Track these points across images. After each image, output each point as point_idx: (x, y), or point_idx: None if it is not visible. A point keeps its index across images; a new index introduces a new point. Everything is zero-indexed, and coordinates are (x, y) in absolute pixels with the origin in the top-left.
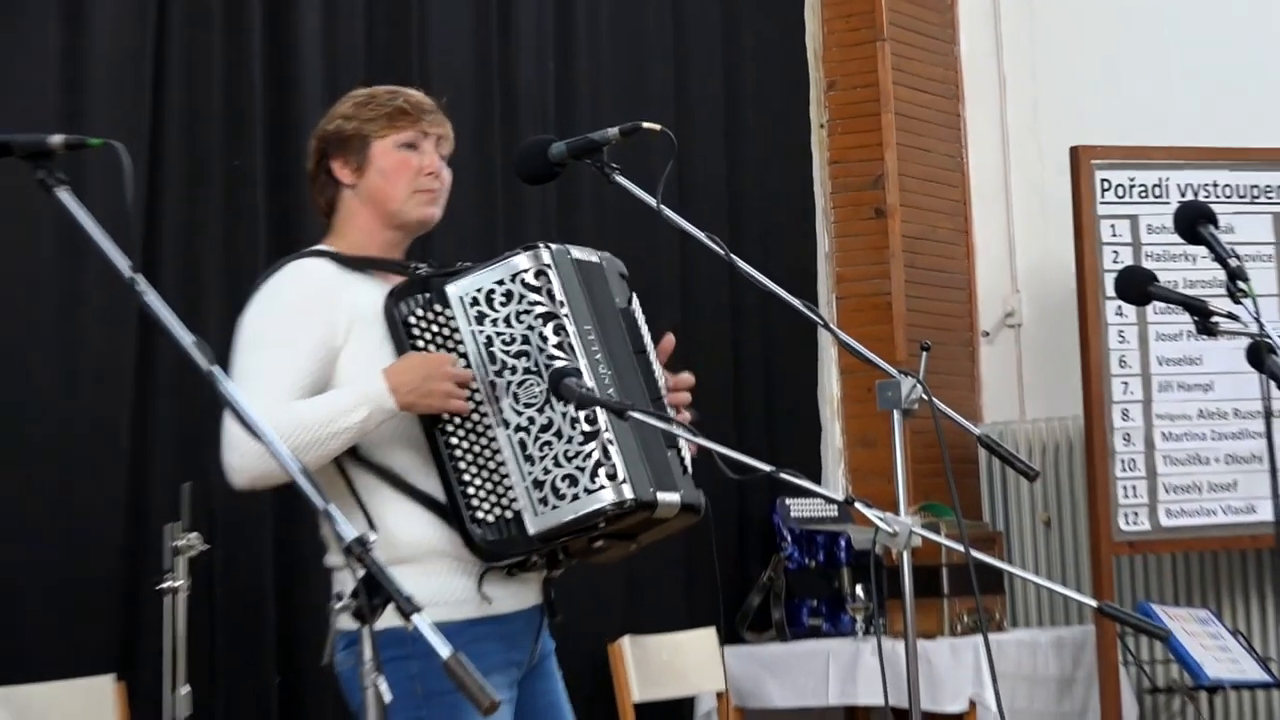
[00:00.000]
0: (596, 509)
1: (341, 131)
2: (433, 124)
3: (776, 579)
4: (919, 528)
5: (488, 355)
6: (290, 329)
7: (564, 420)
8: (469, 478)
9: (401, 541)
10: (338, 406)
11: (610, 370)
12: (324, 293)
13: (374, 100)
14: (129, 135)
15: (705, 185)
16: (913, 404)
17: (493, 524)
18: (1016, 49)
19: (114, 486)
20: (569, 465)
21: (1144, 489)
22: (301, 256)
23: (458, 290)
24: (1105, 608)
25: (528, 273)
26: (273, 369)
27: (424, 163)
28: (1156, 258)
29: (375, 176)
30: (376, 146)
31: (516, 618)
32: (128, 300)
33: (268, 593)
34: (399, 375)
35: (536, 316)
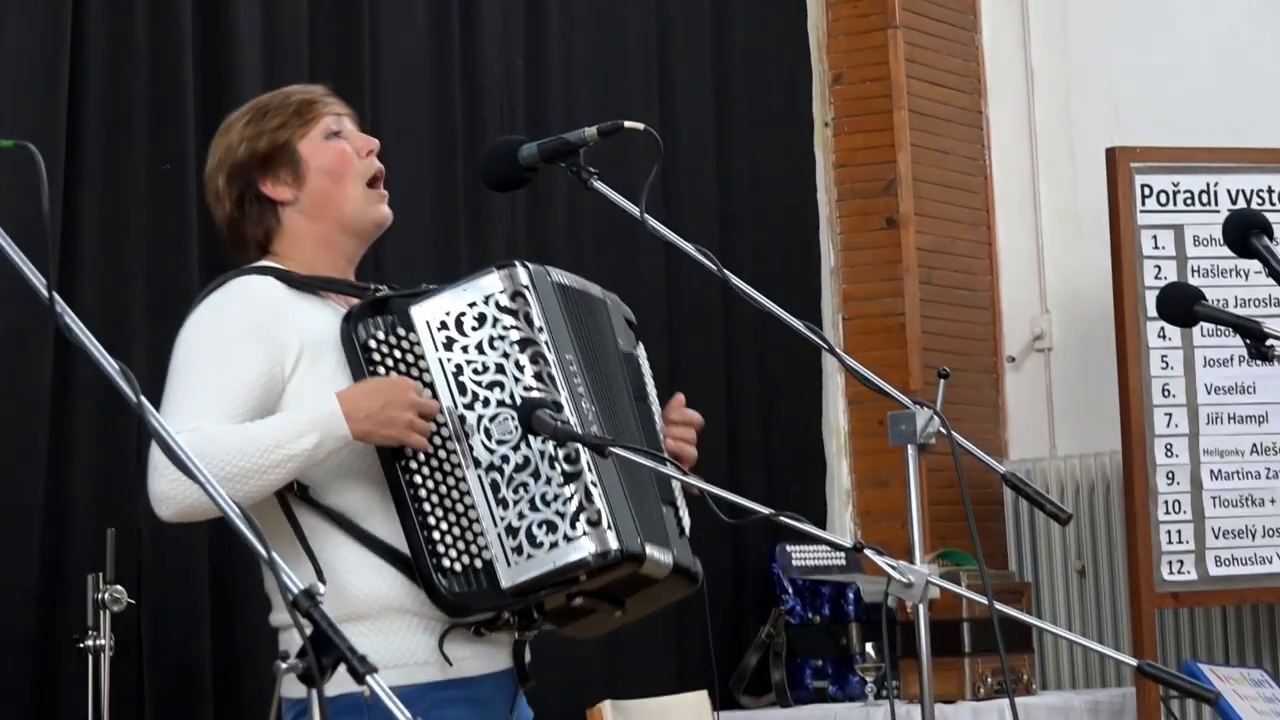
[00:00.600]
0: (577, 559)
1: (256, 151)
2: (338, 105)
3: (776, 635)
4: (936, 578)
5: (457, 385)
6: (231, 351)
7: (542, 459)
8: (434, 521)
9: (354, 595)
10: (284, 431)
11: (595, 406)
12: (270, 314)
13: (268, 107)
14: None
15: (694, 192)
16: (929, 438)
17: (460, 574)
18: (1046, 38)
19: (27, 531)
20: (547, 510)
21: (1190, 534)
22: (246, 272)
23: (423, 313)
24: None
25: (503, 294)
26: (209, 390)
27: (357, 145)
28: (1204, 273)
29: (318, 179)
30: (304, 148)
31: (484, 681)
32: (42, 322)
33: (203, 653)
34: (355, 399)
35: (512, 344)
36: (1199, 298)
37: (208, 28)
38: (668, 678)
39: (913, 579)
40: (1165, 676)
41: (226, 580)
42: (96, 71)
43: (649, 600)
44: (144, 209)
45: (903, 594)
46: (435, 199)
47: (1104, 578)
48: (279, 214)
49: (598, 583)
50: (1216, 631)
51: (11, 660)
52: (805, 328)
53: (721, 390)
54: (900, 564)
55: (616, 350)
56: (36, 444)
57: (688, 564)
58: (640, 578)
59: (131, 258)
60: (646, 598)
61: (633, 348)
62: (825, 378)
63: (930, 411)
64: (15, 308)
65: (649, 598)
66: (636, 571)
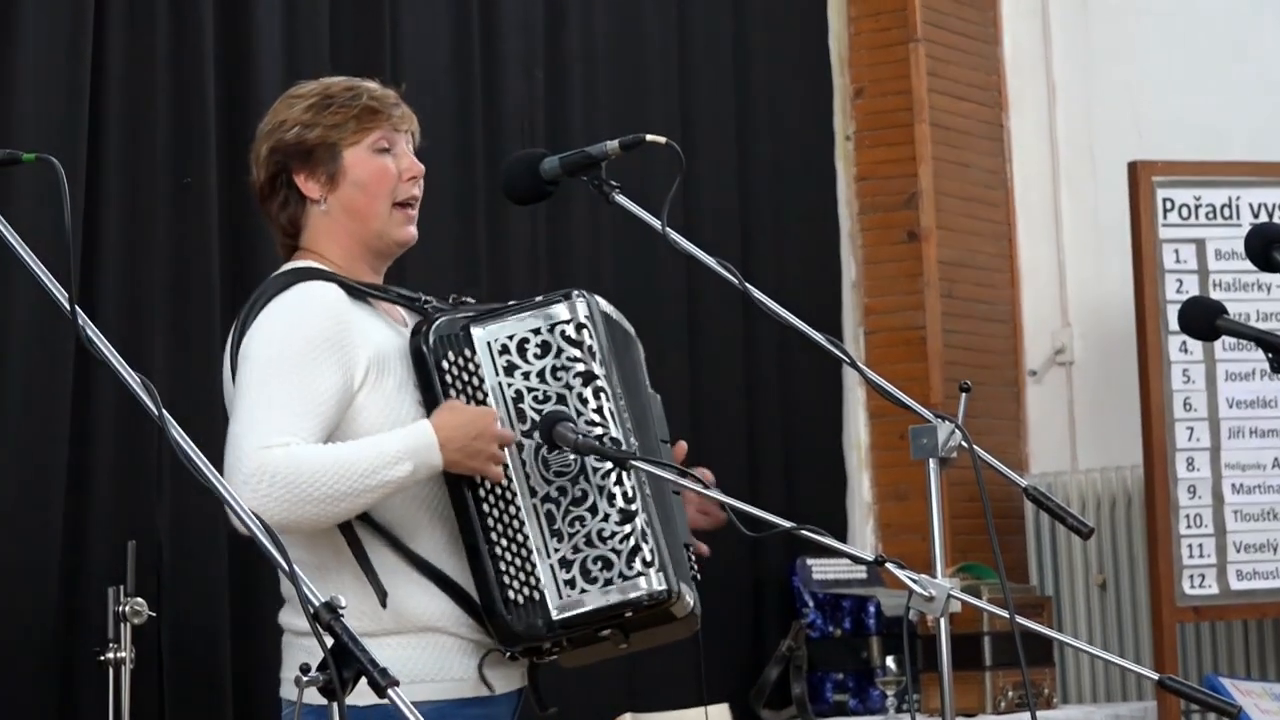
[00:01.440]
0: (633, 598)
1: (304, 141)
2: (403, 119)
3: (797, 649)
4: (958, 591)
5: (516, 412)
6: (312, 362)
7: (601, 495)
8: (500, 551)
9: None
10: (381, 457)
11: (639, 441)
12: (342, 325)
13: (333, 100)
14: (63, 149)
15: (714, 205)
16: (951, 452)
17: (521, 605)
18: (1068, 51)
19: (48, 544)
20: (603, 546)
21: (1211, 548)
22: (310, 276)
23: (485, 335)
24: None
25: (568, 324)
26: (294, 403)
27: (403, 166)
28: (1226, 287)
29: (351, 190)
30: (349, 155)
31: (500, 700)
32: (63, 334)
33: (224, 665)
34: (449, 430)
35: (575, 375)
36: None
37: (229, 42)
38: (687, 691)
39: (934, 592)
40: (1187, 690)
41: (247, 593)
42: (117, 84)
43: (652, 637)
44: (165, 222)
45: (924, 607)
46: (456, 212)
47: (1125, 592)
48: (306, 209)
49: (638, 618)
50: (1238, 645)
51: (33, 673)
52: (827, 341)
53: (743, 403)
54: (921, 577)
55: (647, 388)
56: (57, 456)
57: (698, 608)
58: (666, 614)
59: (152, 271)
60: (653, 634)
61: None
62: (846, 391)
63: (952, 425)
64: (36, 320)
65: (655, 634)
66: (668, 609)
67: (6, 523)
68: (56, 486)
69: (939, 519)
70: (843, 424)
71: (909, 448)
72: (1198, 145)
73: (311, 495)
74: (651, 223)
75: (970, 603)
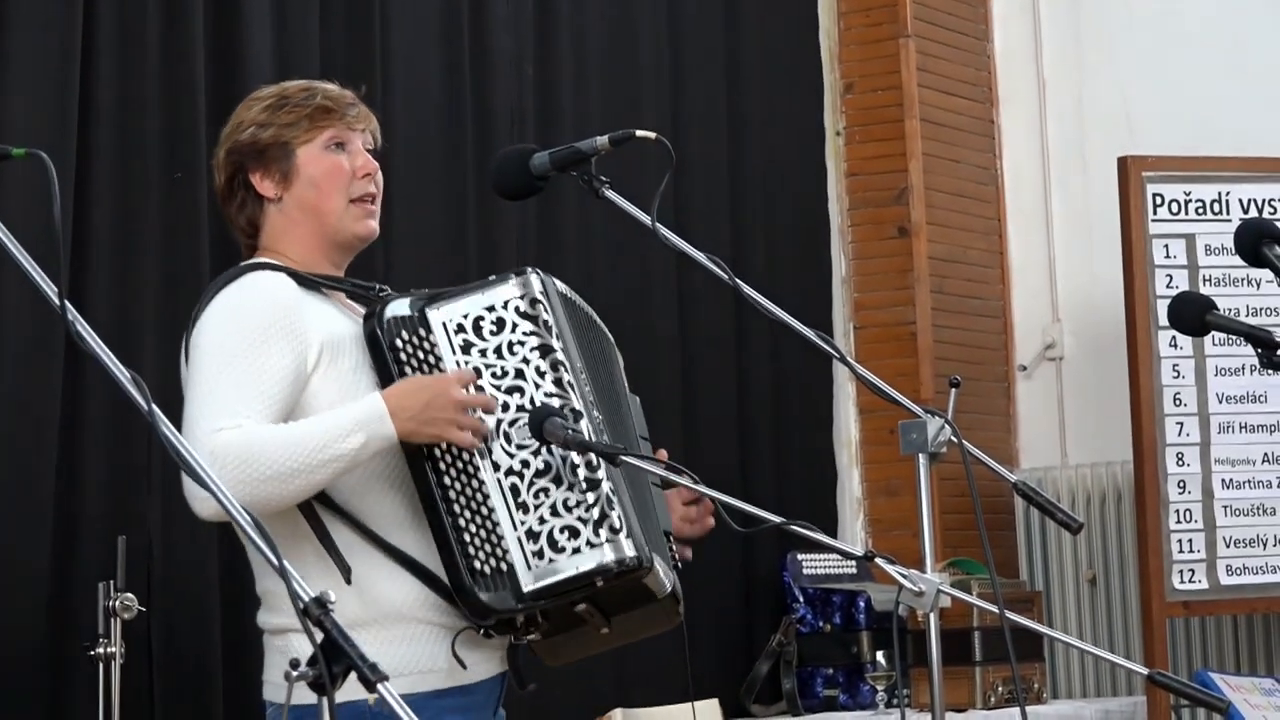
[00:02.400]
0: (600, 565)
1: (258, 141)
2: (358, 118)
3: (787, 644)
4: (948, 586)
5: (475, 389)
6: (259, 346)
7: (565, 465)
8: (464, 522)
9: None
10: (331, 431)
11: (603, 415)
12: (290, 310)
13: (288, 101)
14: (53, 144)
15: (705, 200)
16: (941, 447)
17: (489, 576)
18: (1057, 47)
19: (38, 539)
20: (569, 515)
21: (1201, 543)
22: (258, 268)
23: (440, 315)
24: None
25: (521, 300)
26: (242, 386)
27: (357, 164)
28: (1215, 282)
29: (304, 188)
30: (302, 153)
31: (479, 687)
32: (53, 330)
33: (214, 660)
34: (399, 398)
35: (532, 349)
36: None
37: (219, 36)
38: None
39: (924, 588)
40: (1177, 685)
41: (237, 588)
42: (107, 79)
43: (634, 624)
44: (155, 217)
45: (914, 603)
46: (445, 207)
47: (1115, 587)
48: (264, 208)
49: (610, 589)
50: (1227, 640)
51: (23, 668)
52: (817, 337)
53: (732, 399)
54: (911, 573)
55: (622, 379)
56: (47, 452)
57: (679, 594)
58: (643, 589)
59: (142, 266)
60: (634, 620)
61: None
62: (836, 387)
63: (942, 420)
64: (26, 316)
65: (636, 620)
66: (641, 580)
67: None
68: (47, 481)
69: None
70: (833, 419)
71: (899, 443)
72: (1188, 141)
73: (264, 474)
74: (641, 218)
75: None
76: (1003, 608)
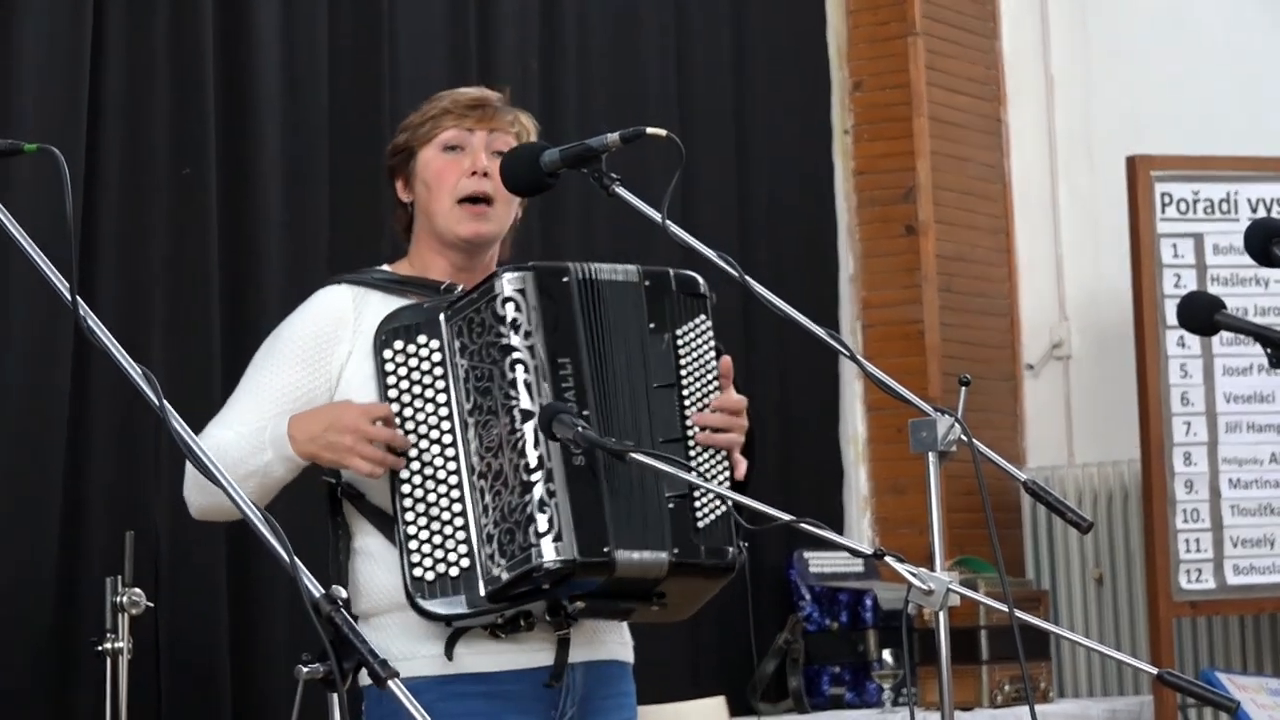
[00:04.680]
0: (530, 568)
1: (396, 146)
2: (481, 119)
3: (794, 642)
4: (957, 585)
5: (464, 391)
6: (272, 364)
7: (510, 468)
8: (414, 530)
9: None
10: (249, 446)
11: (588, 410)
12: (328, 324)
13: (430, 106)
14: (62, 140)
15: (712, 198)
16: (950, 446)
17: (432, 581)
18: (1066, 45)
19: (46, 534)
20: (509, 520)
21: (1208, 542)
22: (338, 281)
23: (446, 317)
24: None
25: (498, 299)
26: (243, 397)
27: (466, 164)
28: (1224, 282)
29: (421, 189)
30: (421, 156)
31: (507, 677)
32: (61, 325)
33: (221, 655)
34: (301, 422)
35: (500, 349)
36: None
37: (228, 32)
38: (684, 684)
39: (933, 586)
40: (1186, 685)
41: (245, 583)
42: (117, 75)
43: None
44: (164, 213)
45: (923, 601)
46: None
47: (1122, 586)
48: (409, 211)
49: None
50: (1234, 640)
51: (30, 663)
52: (828, 335)
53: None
54: (921, 571)
55: (640, 339)
56: (55, 447)
57: (699, 559)
58: (630, 580)
59: (151, 261)
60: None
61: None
62: (843, 385)
63: (952, 419)
64: (34, 311)
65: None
66: (614, 575)
67: (4, 512)
68: (55, 477)
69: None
70: (840, 417)
71: (906, 441)
72: (1196, 140)
73: (200, 481)
74: (652, 215)
75: (970, 596)
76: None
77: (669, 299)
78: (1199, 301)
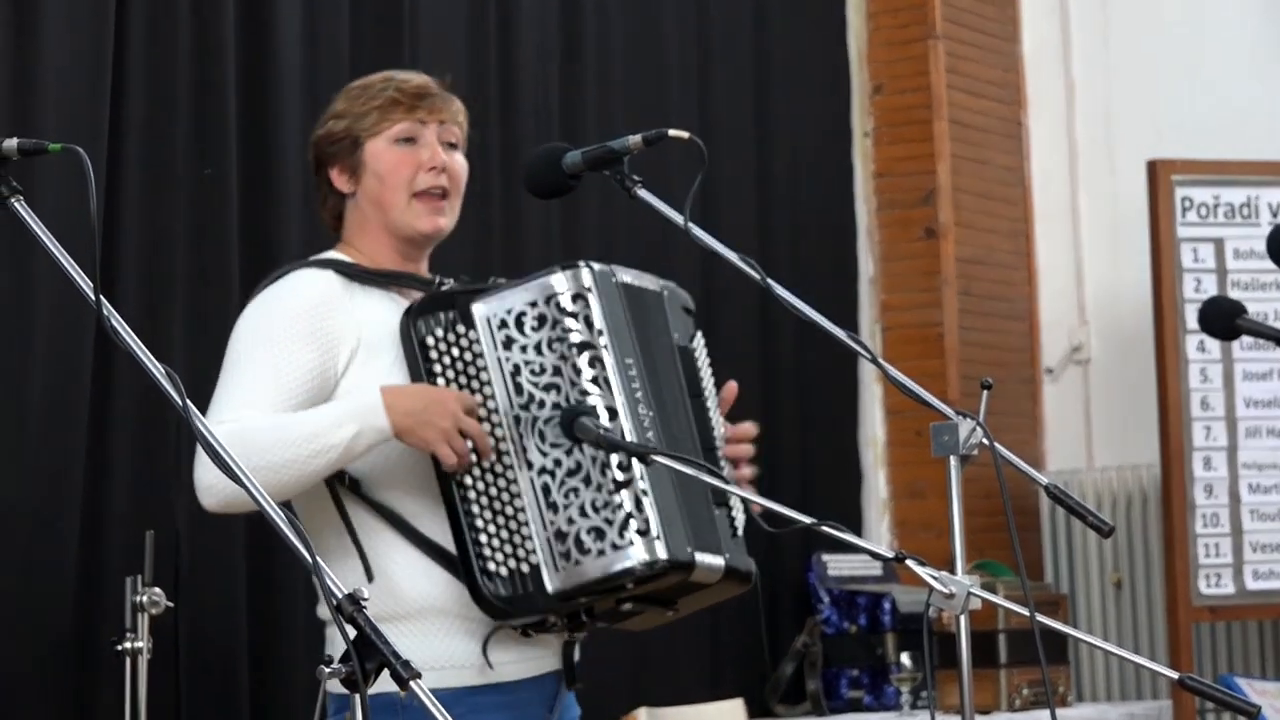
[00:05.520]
0: (624, 568)
1: (332, 134)
2: (432, 110)
3: (812, 645)
4: (978, 589)
5: (514, 386)
6: (281, 345)
7: (594, 465)
8: (481, 524)
9: (398, 594)
10: (323, 421)
11: (652, 411)
12: (324, 311)
13: (365, 92)
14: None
15: (732, 201)
16: (972, 450)
17: (505, 578)
18: (1087, 49)
19: (66, 534)
20: (596, 516)
21: (1228, 547)
22: (305, 266)
23: (485, 310)
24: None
25: (563, 295)
26: (257, 382)
27: (423, 158)
28: (1244, 286)
29: (371, 182)
30: (369, 147)
31: (524, 685)
32: (83, 323)
33: (241, 655)
34: (398, 395)
35: (570, 346)
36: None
37: (249, 31)
38: (702, 686)
39: (954, 590)
40: (1207, 690)
41: (265, 583)
42: (138, 75)
43: (700, 599)
44: (185, 213)
45: (944, 605)
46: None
47: (1140, 591)
48: (344, 202)
49: (646, 589)
50: (1253, 645)
51: (50, 662)
52: (848, 337)
53: (759, 398)
54: (942, 574)
55: (672, 346)
56: (76, 446)
57: (740, 565)
58: (690, 584)
59: (172, 262)
60: (699, 598)
61: (688, 339)
62: (862, 388)
63: (973, 423)
64: (55, 310)
65: (700, 598)
66: (686, 579)
67: (25, 512)
68: (75, 476)
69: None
70: (859, 421)
71: (926, 445)
72: (1217, 144)
73: (254, 464)
74: (674, 218)
75: (991, 600)
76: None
77: (684, 311)
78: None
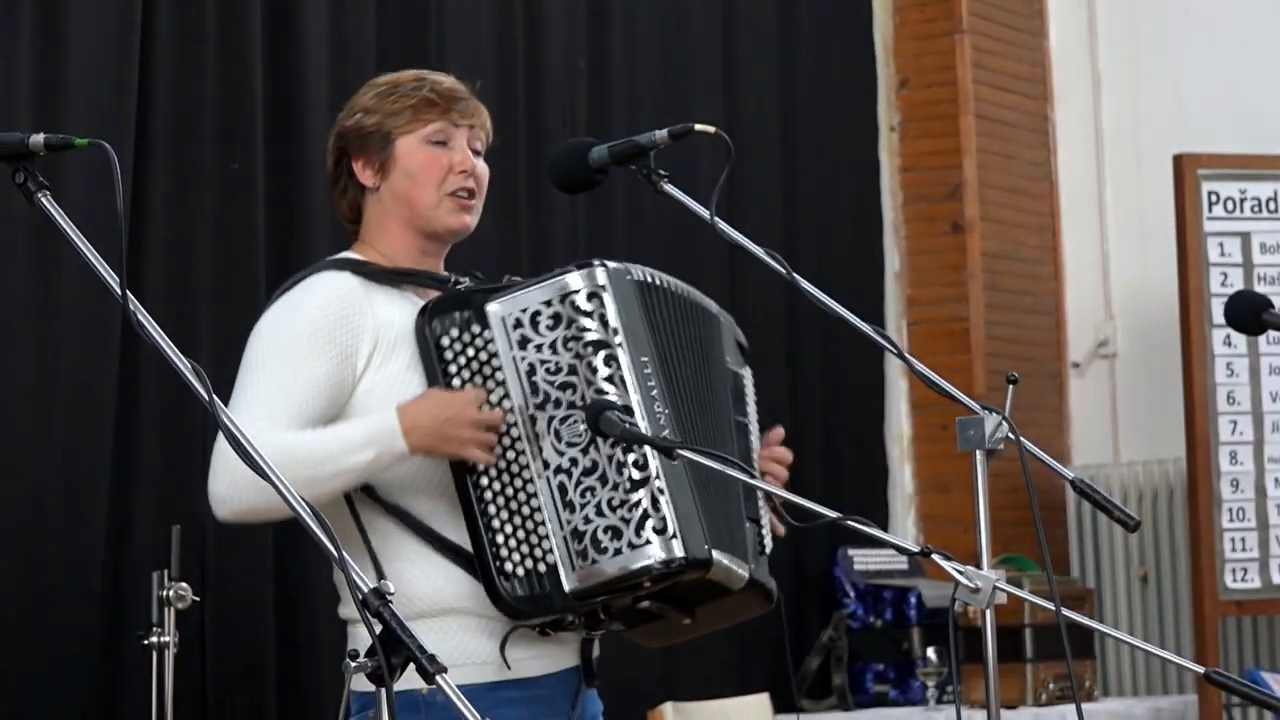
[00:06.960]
0: (642, 566)
1: (362, 127)
2: (464, 114)
3: (838, 639)
4: (1004, 583)
5: (529, 385)
6: (301, 352)
7: (610, 464)
8: (498, 524)
9: (416, 594)
10: (342, 443)
11: (668, 409)
12: (344, 314)
13: (397, 90)
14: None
15: (758, 195)
16: (998, 444)
17: (523, 578)
18: (1113, 43)
19: (92, 528)
20: (613, 515)
21: (1254, 541)
22: (324, 268)
23: (500, 309)
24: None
25: (579, 294)
26: (275, 391)
27: (454, 160)
28: (1271, 280)
29: (400, 179)
30: (401, 144)
31: (545, 681)
32: (110, 319)
33: (267, 649)
34: (413, 415)
35: (586, 345)
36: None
37: (276, 29)
38: (729, 680)
39: (980, 584)
40: (1234, 685)
41: (291, 577)
42: (165, 71)
43: (721, 613)
44: (212, 209)
45: (970, 599)
46: (497, 202)
47: (1166, 585)
48: (364, 196)
49: (663, 588)
50: (1279, 639)
51: (77, 657)
52: (875, 332)
53: (785, 394)
54: (968, 569)
55: (721, 362)
56: (102, 441)
57: (763, 580)
58: (710, 584)
59: (199, 258)
60: (718, 610)
61: (739, 367)
62: (888, 383)
63: (1000, 417)
64: (82, 305)
65: (721, 610)
66: (705, 577)
67: (53, 507)
68: (102, 471)
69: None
70: (885, 415)
71: (952, 439)
72: (1243, 138)
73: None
74: (700, 212)
75: (1017, 594)
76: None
77: (735, 342)
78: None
